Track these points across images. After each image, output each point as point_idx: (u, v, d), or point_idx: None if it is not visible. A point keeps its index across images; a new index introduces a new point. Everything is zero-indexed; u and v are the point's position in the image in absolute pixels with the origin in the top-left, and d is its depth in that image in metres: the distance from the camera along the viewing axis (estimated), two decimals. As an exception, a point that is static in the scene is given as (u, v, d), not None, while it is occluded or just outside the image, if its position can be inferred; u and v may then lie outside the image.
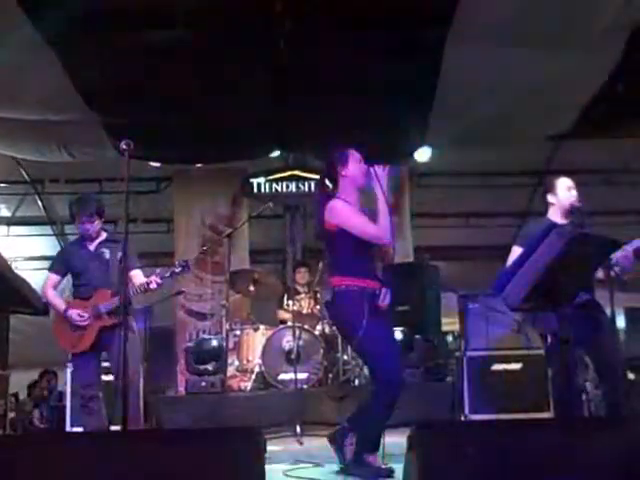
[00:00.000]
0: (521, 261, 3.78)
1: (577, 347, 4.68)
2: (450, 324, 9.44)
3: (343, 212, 4.39)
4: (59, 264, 5.52)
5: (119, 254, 5.25)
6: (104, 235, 5.46)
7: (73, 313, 5.24)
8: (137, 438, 2.95)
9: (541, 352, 6.29)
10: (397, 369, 4.35)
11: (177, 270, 5.37)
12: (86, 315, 5.22)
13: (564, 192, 4.88)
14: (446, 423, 4.51)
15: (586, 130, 7.90)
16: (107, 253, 5.37)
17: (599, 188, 9.43)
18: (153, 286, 5.26)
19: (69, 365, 6.34)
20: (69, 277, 5.49)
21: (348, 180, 4.53)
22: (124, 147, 4.37)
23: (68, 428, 6.54)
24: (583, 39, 6.18)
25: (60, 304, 5.33)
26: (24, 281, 4.15)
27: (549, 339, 4.78)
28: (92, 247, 5.42)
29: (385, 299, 4.38)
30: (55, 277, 5.46)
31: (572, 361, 4.63)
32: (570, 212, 4.89)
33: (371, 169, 4.50)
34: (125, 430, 3.95)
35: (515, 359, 6.68)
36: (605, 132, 8.13)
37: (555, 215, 4.93)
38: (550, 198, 4.95)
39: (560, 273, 3.63)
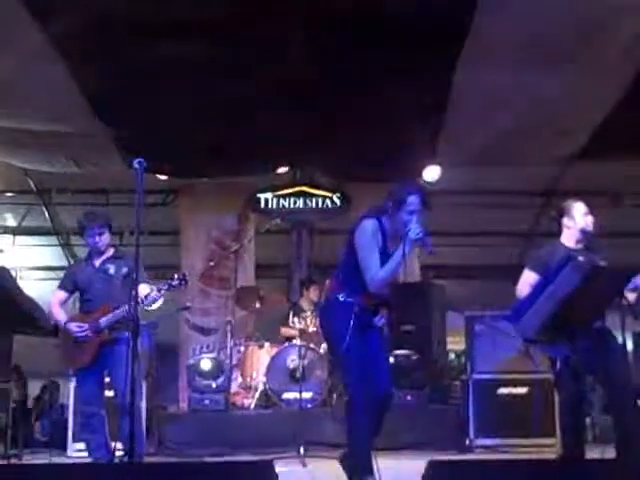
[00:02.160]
0: (537, 292, 3.74)
1: (588, 374, 4.65)
2: (455, 343, 9.40)
3: (364, 237, 4.42)
4: (67, 281, 5.54)
5: (124, 269, 5.28)
6: (111, 251, 5.46)
7: (72, 325, 5.23)
8: (144, 472, 2.90)
9: (548, 376, 6.27)
10: (362, 393, 4.32)
11: (174, 283, 5.34)
12: (85, 326, 5.19)
13: (580, 217, 4.86)
14: (459, 463, 4.42)
15: (597, 152, 7.87)
16: (112, 268, 5.37)
17: (606, 209, 9.38)
18: (151, 299, 5.23)
19: (73, 379, 6.33)
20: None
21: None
22: (137, 166, 4.36)
23: (70, 444, 6.50)
24: (597, 60, 6.16)
25: (62, 318, 5.34)
26: (34, 302, 4.15)
27: (558, 364, 4.74)
28: (97, 263, 5.43)
29: (381, 319, 4.48)
30: (62, 293, 5.48)
31: (582, 389, 4.60)
32: (583, 237, 4.87)
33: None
34: (132, 455, 3.89)
35: (522, 383, 6.61)
36: (616, 154, 8.10)
37: (568, 239, 4.90)
38: (566, 222, 4.91)
39: (576, 306, 3.59)
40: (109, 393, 5.43)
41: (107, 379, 5.39)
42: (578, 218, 4.87)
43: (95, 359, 5.21)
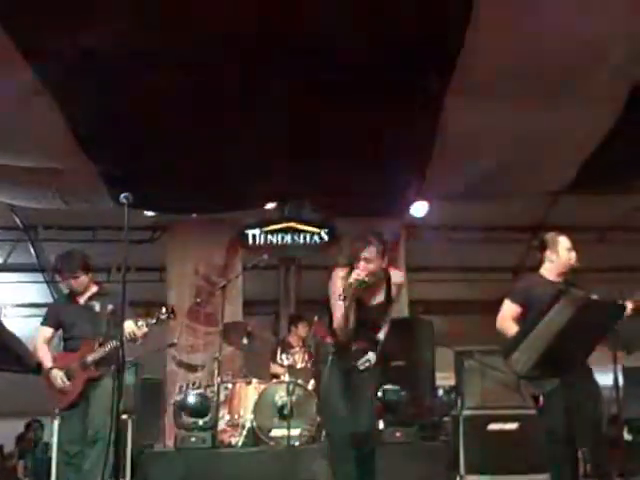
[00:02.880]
0: (529, 327, 3.72)
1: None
2: (444, 378, 9.33)
3: (332, 285, 4.87)
4: (51, 317, 5.52)
5: (109, 307, 5.21)
6: (94, 288, 5.42)
7: (57, 376, 5.19)
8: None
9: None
10: (336, 432, 4.83)
11: (162, 316, 5.31)
12: (67, 383, 5.18)
13: (565, 252, 4.87)
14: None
15: (585, 185, 7.91)
16: (97, 306, 5.33)
17: (594, 244, 9.43)
18: (140, 335, 5.18)
19: (57, 417, 6.23)
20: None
21: None
22: (123, 201, 4.35)
23: (53, 482, 6.37)
24: (583, 94, 6.21)
25: (47, 361, 5.29)
26: (17, 339, 4.08)
27: (542, 400, 4.73)
28: (82, 300, 5.40)
29: (364, 363, 4.84)
30: (47, 330, 5.45)
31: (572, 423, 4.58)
32: (566, 271, 4.89)
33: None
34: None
35: (512, 418, 6.55)
36: (602, 188, 8.16)
37: (549, 272, 4.92)
38: (549, 255, 4.92)
39: (569, 340, 3.57)
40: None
41: None
42: (562, 252, 4.89)
43: (81, 396, 5.15)
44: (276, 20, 5.35)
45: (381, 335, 5.08)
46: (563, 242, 4.92)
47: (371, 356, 4.92)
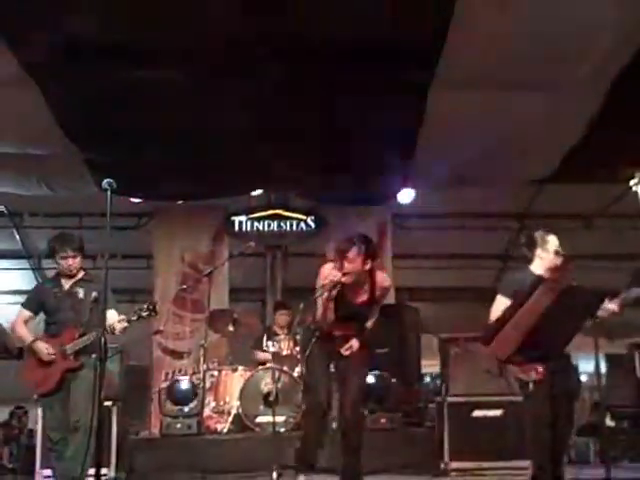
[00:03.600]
0: (510, 313, 3.74)
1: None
2: (430, 365, 9.38)
3: (318, 280, 5.20)
4: (32, 301, 5.45)
5: (93, 294, 5.18)
6: (80, 274, 5.37)
7: (41, 346, 5.13)
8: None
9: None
10: (311, 409, 5.35)
11: (143, 314, 5.28)
12: (53, 351, 5.12)
13: (552, 254, 4.92)
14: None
15: (569, 174, 7.94)
16: (81, 292, 5.29)
17: (578, 232, 9.47)
18: (119, 329, 5.16)
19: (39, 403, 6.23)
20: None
21: None
22: (106, 187, 4.33)
23: (38, 470, 6.36)
24: (567, 84, 6.23)
25: (27, 337, 5.25)
26: (-1, 325, 4.08)
27: (530, 386, 4.76)
28: (67, 285, 5.33)
29: (348, 349, 5.14)
30: (26, 313, 5.38)
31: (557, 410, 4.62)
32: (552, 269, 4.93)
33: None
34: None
35: (496, 405, 6.57)
36: (587, 177, 8.19)
37: (539, 268, 4.96)
38: (539, 253, 4.96)
39: (550, 327, 3.59)
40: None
41: None
42: (551, 254, 4.95)
43: (60, 385, 5.12)
44: (262, 15, 5.36)
45: (368, 324, 5.32)
46: (552, 242, 4.96)
47: (355, 343, 5.16)
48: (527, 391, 4.74)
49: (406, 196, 8.90)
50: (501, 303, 4.71)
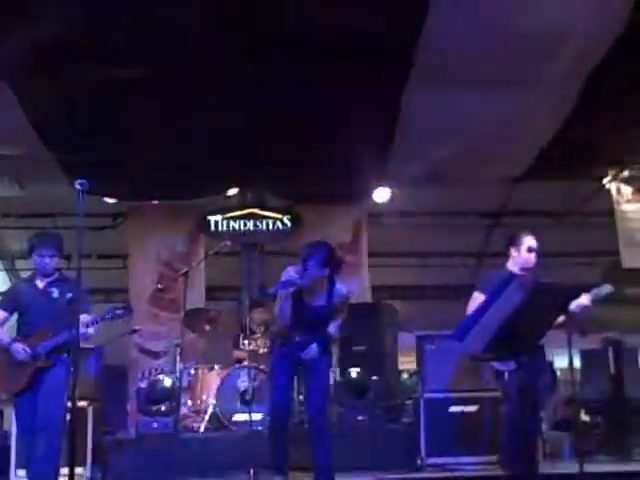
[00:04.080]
0: (482, 310, 3.77)
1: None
2: (407, 363, 9.43)
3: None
4: (7, 300, 5.40)
5: (68, 294, 5.13)
6: (55, 274, 5.32)
7: (18, 347, 5.07)
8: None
9: (498, 394, 6.29)
10: (272, 414, 5.63)
11: (118, 312, 5.26)
12: (29, 350, 5.05)
13: (525, 252, 5.00)
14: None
15: (542, 172, 8.02)
16: (55, 292, 5.22)
17: (552, 230, 9.55)
18: (90, 334, 5.15)
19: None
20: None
21: None
22: (79, 187, 4.31)
23: (12, 470, 6.31)
24: (540, 83, 6.29)
25: (4, 338, 5.16)
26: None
27: (506, 376, 4.83)
28: (41, 285, 5.28)
29: (307, 353, 5.35)
30: (2, 313, 5.29)
31: (528, 404, 4.66)
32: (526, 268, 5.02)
33: None
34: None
35: (472, 401, 6.60)
36: (560, 174, 8.28)
37: (514, 265, 5.05)
38: (513, 252, 5.07)
39: (521, 323, 3.63)
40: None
41: None
42: (524, 253, 5.04)
43: (30, 384, 5.06)
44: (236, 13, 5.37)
45: (332, 329, 5.53)
46: (527, 241, 5.06)
47: (314, 347, 5.38)
48: (503, 382, 4.81)
49: (382, 195, 8.94)
50: (477, 299, 4.78)
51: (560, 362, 8.16)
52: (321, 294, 5.39)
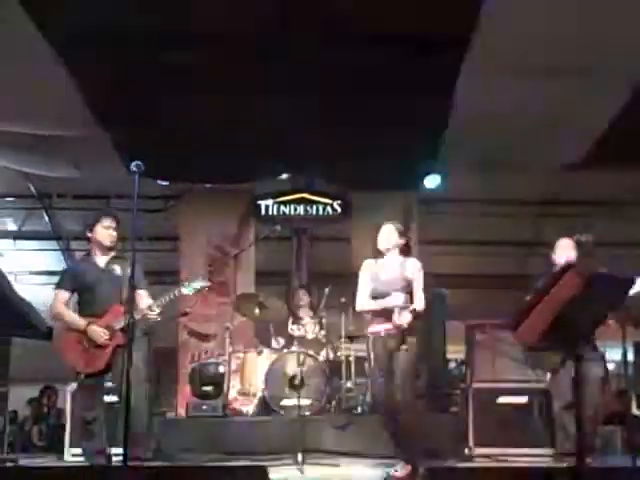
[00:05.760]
0: (536, 300, 3.71)
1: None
2: (455, 352, 9.36)
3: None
4: (68, 280, 5.38)
5: (129, 271, 5.18)
6: (112, 252, 5.37)
7: (97, 330, 5.10)
8: (139, 475, 2.87)
9: (547, 385, 6.24)
10: None
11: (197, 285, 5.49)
12: (108, 334, 5.09)
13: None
14: (456, 470, 4.42)
15: (599, 161, 7.86)
16: (117, 269, 5.27)
17: (604, 219, 9.36)
18: (152, 315, 5.19)
19: (70, 384, 6.29)
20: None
21: None
22: (134, 169, 4.34)
23: (67, 449, 6.45)
24: (599, 70, 6.16)
25: (78, 320, 5.17)
26: (28, 304, 4.08)
27: (561, 370, 4.77)
28: (102, 264, 5.32)
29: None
30: (65, 294, 5.32)
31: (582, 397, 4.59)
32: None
33: None
34: (126, 459, 3.84)
35: (521, 392, 6.56)
36: (615, 162, 8.10)
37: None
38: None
39: (577, 313, 3.57)
40: (108, 398, 5.36)
41: (108, 384, 5.31)
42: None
43: (109, 364, 5.09)
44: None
45: None
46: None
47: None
48: (557, 373, 4.76)
49: (433, 181, 8.86)
50: None
51: (613, 354, 8.03)
52: None
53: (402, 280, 5.23)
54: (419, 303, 5.15)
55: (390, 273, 5.30)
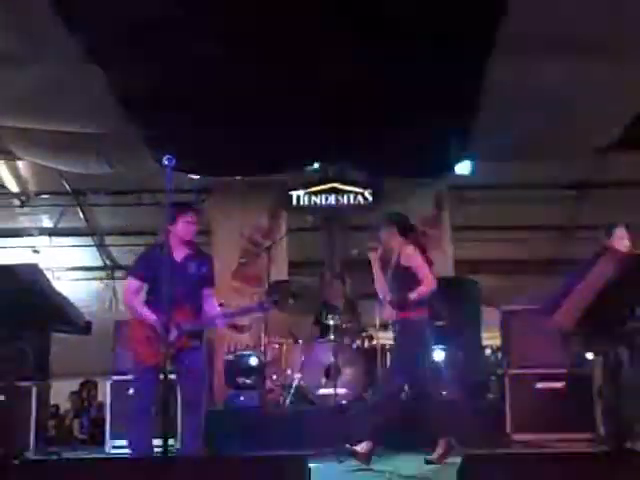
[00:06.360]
0: (572, 284, 3.69)
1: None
2: (491, 338, 9.32)
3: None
4: (142, 268, 5.17)
5: (203, 269, 5.15)
6: (187, 250, 5.20)
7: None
8: (178, 466, 2.91)
9: (585, 370, 6.20)
10: None
11: (266, 306, 5.87)
12: (176, 333, 4.96)
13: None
14: (495, 457, 4.40)
15: (632, 142, 7.75)
16: (192, 267, 5.13)
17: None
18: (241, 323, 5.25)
19: (110, 377, 6.35)
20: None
21: None
22: (166, 163, 4.34)
23: (108, 441, 6.54)
24: (631, 52, 6.07)
25: (150, 315, 5.00)
26: (66, 299, 4.12)
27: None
28: (179, 258, 5.13)
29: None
30: (137, 283, 5.15)
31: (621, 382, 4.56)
32: None
33: None
34: (166, 452, 3.88)
35: (559, 377, 6.53)
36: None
37: None
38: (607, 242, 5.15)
39: (613, 297, 3.54)
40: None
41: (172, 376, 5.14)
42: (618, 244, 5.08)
43: (171, 362, 4.92)
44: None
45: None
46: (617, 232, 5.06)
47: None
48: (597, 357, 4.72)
49: (464, 167, 8.79)
50: None
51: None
52: None
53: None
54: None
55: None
